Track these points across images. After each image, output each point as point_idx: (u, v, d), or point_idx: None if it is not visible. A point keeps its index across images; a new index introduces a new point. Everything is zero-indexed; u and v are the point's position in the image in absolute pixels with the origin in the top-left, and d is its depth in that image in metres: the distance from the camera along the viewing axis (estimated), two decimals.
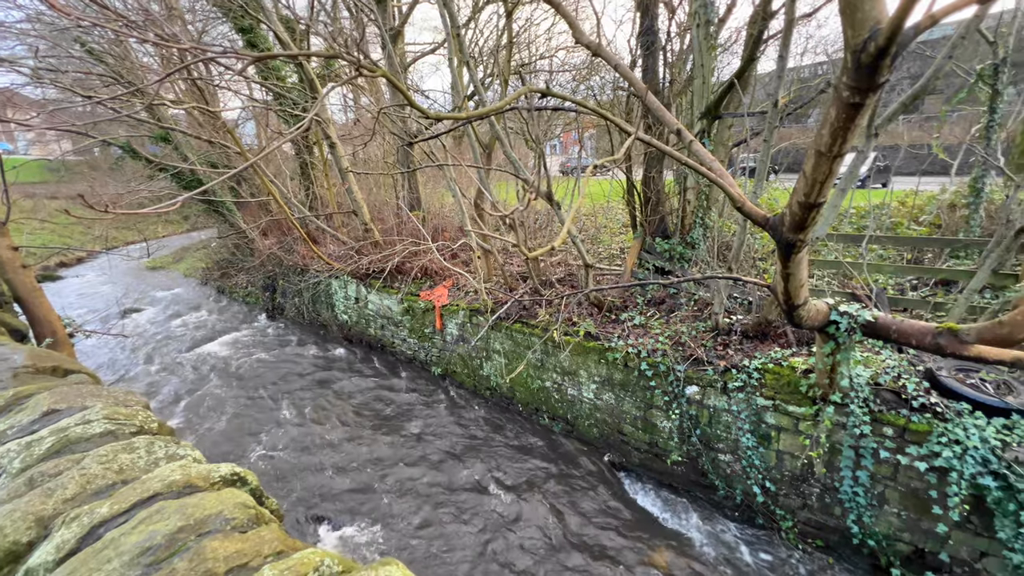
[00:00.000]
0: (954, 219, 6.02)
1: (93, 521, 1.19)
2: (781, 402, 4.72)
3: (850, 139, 2.25)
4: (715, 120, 5.94)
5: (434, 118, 2.35)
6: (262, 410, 7.99)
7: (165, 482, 1.28)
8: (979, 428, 3.84)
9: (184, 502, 1.17)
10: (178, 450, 1.56)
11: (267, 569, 0.99)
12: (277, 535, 1.12)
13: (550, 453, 6.49)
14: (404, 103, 2.43)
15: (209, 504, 1.17)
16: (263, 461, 6.57)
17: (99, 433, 1.52)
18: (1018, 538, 3.65)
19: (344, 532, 5.27)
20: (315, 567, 0.98)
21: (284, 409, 7.97)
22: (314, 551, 1.04)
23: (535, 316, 7.02)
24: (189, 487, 1.27)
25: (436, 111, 3.50)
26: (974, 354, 2.80)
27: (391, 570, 1.00)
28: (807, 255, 3.10)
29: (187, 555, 1.00)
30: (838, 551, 4.69)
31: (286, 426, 7.44)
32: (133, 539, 1.03)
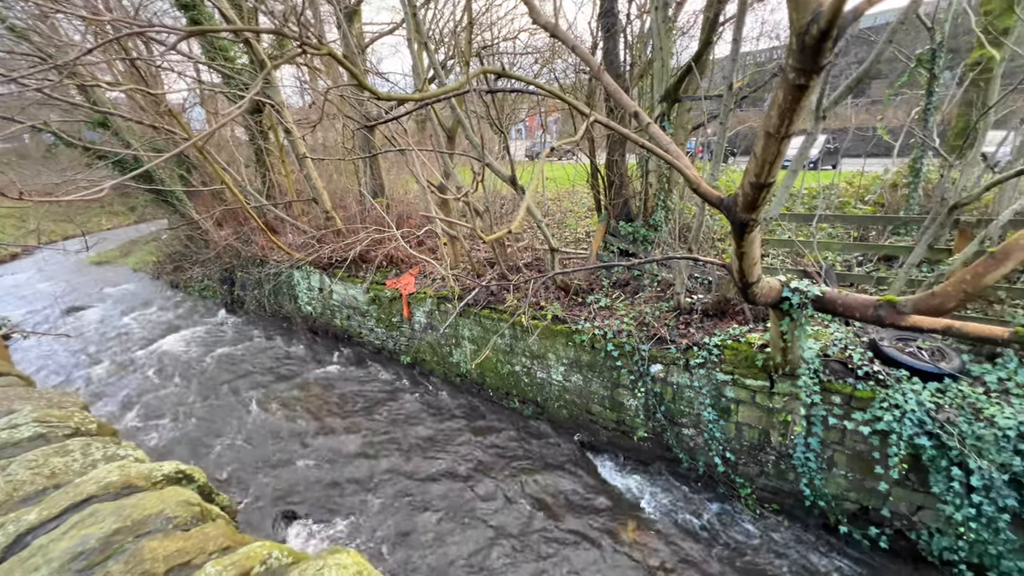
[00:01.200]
0: (896, 198, 6.37)
1: (19, 529, 1.11)
2: (739, 376, 4.93)
3: (797, 120, 2.32)
4: (675, 103, 6.01)
5: (385, 99, 2.28)
6: (225, 407, 7.73)
7: (101, 484, 1.21)
8: (916, 393, 4.12)
9: (121, 503, 1.10)
10: (118, 450, 1.48)
11: (210, 566, 0.96)
12: (224, 531, 1.08)
13: (521, 436, 6.57)
14: (359, 85, 2.34)
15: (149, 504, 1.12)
16: (227, 459, 6.38)
17: (28, 437, 1.42)
18: (949, 491, 3.97)
19: (314, 525, 5.21)
20: (262, 560, 0.96)
21: (248, 405, 7.74)
22: (262, 544, 1.01)
23: (503, 301, 7.03)
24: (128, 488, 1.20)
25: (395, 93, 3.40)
26: (910, 324, 2.99)
27: (342, 558, 0.99)
28: (760, 234, 3.20)
29: (123, 557, 0.95)
30: (792, 513, 4.98)
31: (251, 422, 7.23)
32: (63, 545, 0.97)
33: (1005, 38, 5.74)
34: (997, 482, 3.79)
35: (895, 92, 6.80)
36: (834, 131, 13.45)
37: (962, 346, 4.49)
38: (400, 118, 4.11)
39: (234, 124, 12.87)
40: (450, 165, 7.07)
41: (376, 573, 1.29)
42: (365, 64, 10.72)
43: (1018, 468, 3.73)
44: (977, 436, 3.83)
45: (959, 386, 4.10)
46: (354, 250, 7.91)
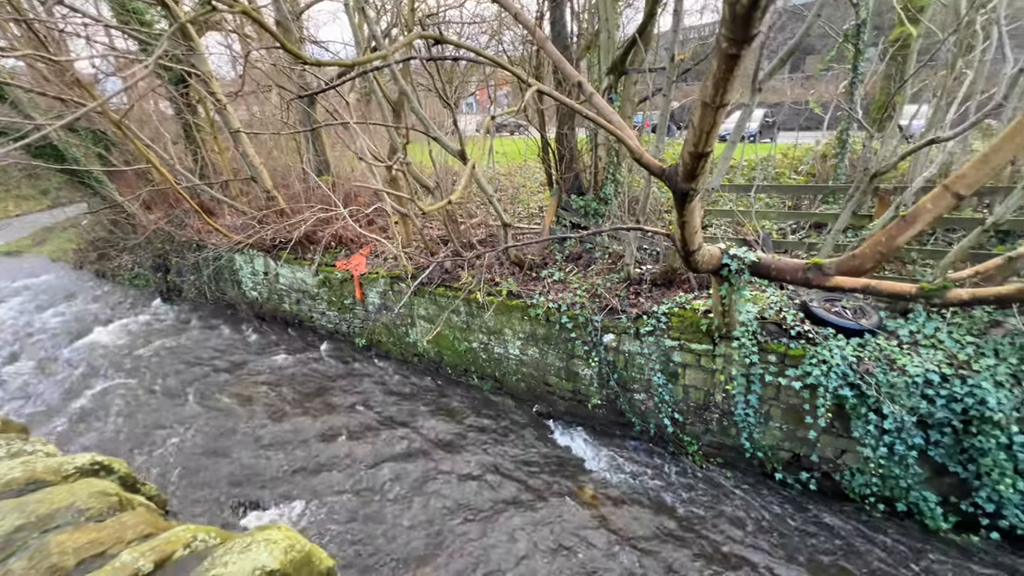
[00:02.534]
0: (826, 168, 6.78)
1: None
2: (686, 341, 5.18)
3: (731, 89, 2.38)
4: (621, 75, 6.04)
5: (311, 64, 2.14)
6: (168, 400, 7.32)
7: (2, 481, 1.11)
8: (840, 348, 4.48)
9: (24, 500, 1.03)
10: (24, 446, 1.37)
11: (125, 554, 0.91)
12: (145, 519, 1.03)
13: (481, 411, 6.65)
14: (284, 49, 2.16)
15: (58, 498, 1.05)
16: (172, 453, 6.08)
17: None
18: (867, 435, 4.40)
19: (273, 511, 5.09)
20: (186, 543, 0.93)
21: (193, 397, 7.36)
22: (187, 528, 0.98)
23: (458, 279, 6.97)
24: (34, 483, 1.12)
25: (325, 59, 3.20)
26: (834, 284, 3.22)
27: (272, 534, 0.97)
28: (700, 204, 3.31)
29: (26, 554, 0.89)
30: (735, 465, 5.36)
31: (198, 414, 6.89)
32: None
33: (921, 16, 6.13)
34: (907, 424, 4.22)
35: (825, 67, 7.14)
36: (771, 105, 14.07)
37: (880, 303, 4.91)
38: (336, 87, 3.90)
39: (157, 97, 11.81)
40: (397, 140, 6.82)
41: (312, 546, 1.28)
42: (301, 31, 10.05)
43: (924, 411, 4.17)
44: (891, 384, 4.23)
45: (877, 340, 4.49)
46: (299, 231, 7.55)
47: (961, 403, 4.05)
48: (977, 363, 4.13)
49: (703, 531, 4.64)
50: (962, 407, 4.06)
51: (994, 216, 4.24)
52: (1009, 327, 4.28)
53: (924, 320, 4.57)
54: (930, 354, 4.30)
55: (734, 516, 4.78)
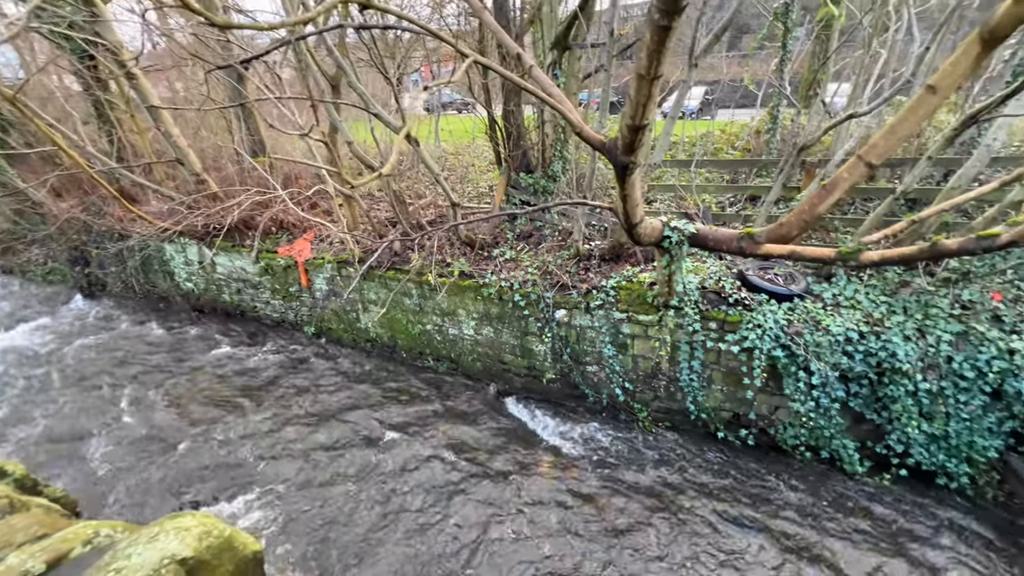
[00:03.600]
0: (760, 143, 7.12)
1: None
2: (633, 313, 5.36)
3: (664, 61, 2.42)
4: (565, 51, 6.02)
5: (220, 25, 1.97)
6: (96, 403, 6.79)
7: None
8: (773, 313, 4.79)
9: None
10: None
11: (12, 556, 0.84)
12: (39, 520, 0.95)
13: (438, 392, 6.63)
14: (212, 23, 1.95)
15: None
16: (102, 459, 5.67)
17: None
18: (797, 391, 4.76)
19: (219, 508, 4.89)
20: (86, 540, 0.87)
21: (126, 398, 6.87)
22: (87, 524, 0.91)
23: (408, 261, 6.83)
24: None
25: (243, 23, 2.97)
26: (764, 252, 3.41)
27: (183, 521, 0.93)
28: (642, 178, 3.38)
29: None
30: (681, 428, 5.67)
31: (131, 416, 6.45)
32: None
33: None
34: (830, 379, 4.60)
35: (759, 45, 7.43)
36: (711, 83, 14.54)
37: (807, 269, 5.27)
38: (261, 57, 3.64)
39: (59, 70, 10.58)
40: (336, 117, 6.50)
41: (234, 531, 1.24)
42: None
43: (845, 366, 4.55)
44: (817, 343, 4.58)
45: (805, 304, 4.83)
46: (232, 215, 7.09)
47: (876, 357, 4.46)
48: (889, 320, 4.54)
49: (654, 489, 4.90)
50: (876, 360, 4.47)
51: (903, 185, 4.62)
52: (915, 286, 4.72)
53: (845, 283, 4.96)
54: (850, 314, 4.68)
55: (682, 474, 5.07)
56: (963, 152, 5.32)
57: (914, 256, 2.75)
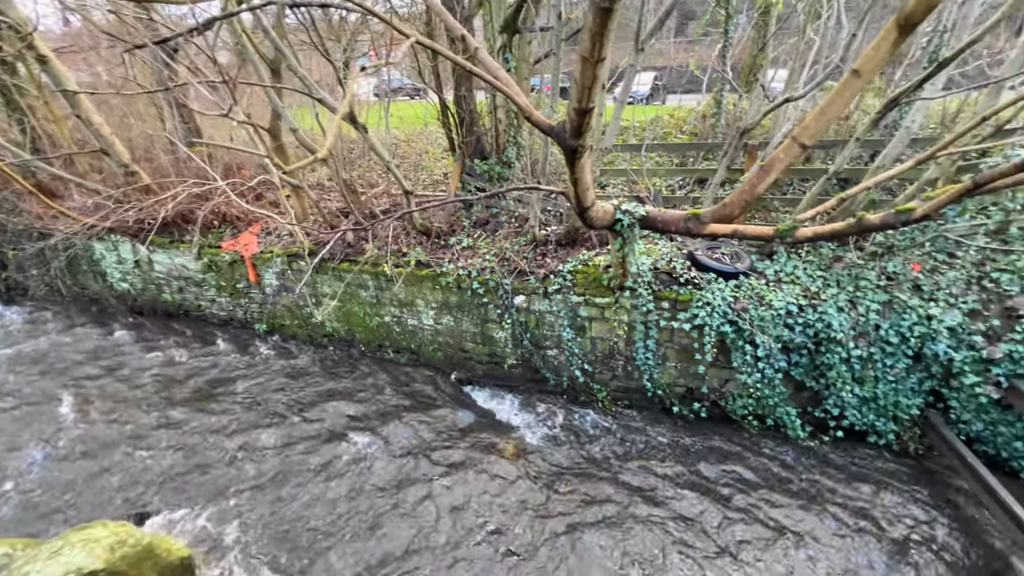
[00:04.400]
0: (706, 127, 7.36)
1: None
2: (590, 296, 5.46)
3: (607, 43, 2.43)
4: (514, 34, 5.95)
5: None
6: (28, 417, 6.25)
7: None
8: (721, 290, 5.01)
9: None
10: None
11: None
12: None
13: (400, 384, 6.54)
14: None
15: None
16: (36, 476, 5.25)
17: None
18: (744, 363, 5.02)
19: (171, 518, 4.65)
20: None
21: (62, 409, 6.36)
22: None
23: (363, 252, 6.65)
24: None
25: None
26: (709, 231, 3.55)
27: (93, 532, 0.87)
28: (592, 161, 3.42)
29: None
30: (639, 405, 5.87)
31: (68, 428, 5.98)
32: None
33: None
34: (774, 350, 4.88)
35: (703, 31, 7.63)
36: (660, 69, 14.86)
37: (751, 248, 5.52)
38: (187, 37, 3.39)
39: None
40: (279, 103, 6.18)
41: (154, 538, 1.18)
42: None
43: (786, 338, 4.84)
44: (761, 318, 4.83)
45: (749, 281, 5.08)
46: (166, 208, 6.63)
47: (813, 328, 4.76)
48: (824, 293, 4.86)
49: (614, 465, 5.06)
50: (814, 331, 4.77)
51: (835, 166, 4.91)
52: (847, 260, 5.05)
53: (785, 260, 5.25)
54: (790, 289, 4.96)
55: (640, 449, 5.27)
56: (887, 134, 5.70)
57: (843, 231, 2.94)
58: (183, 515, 4.68)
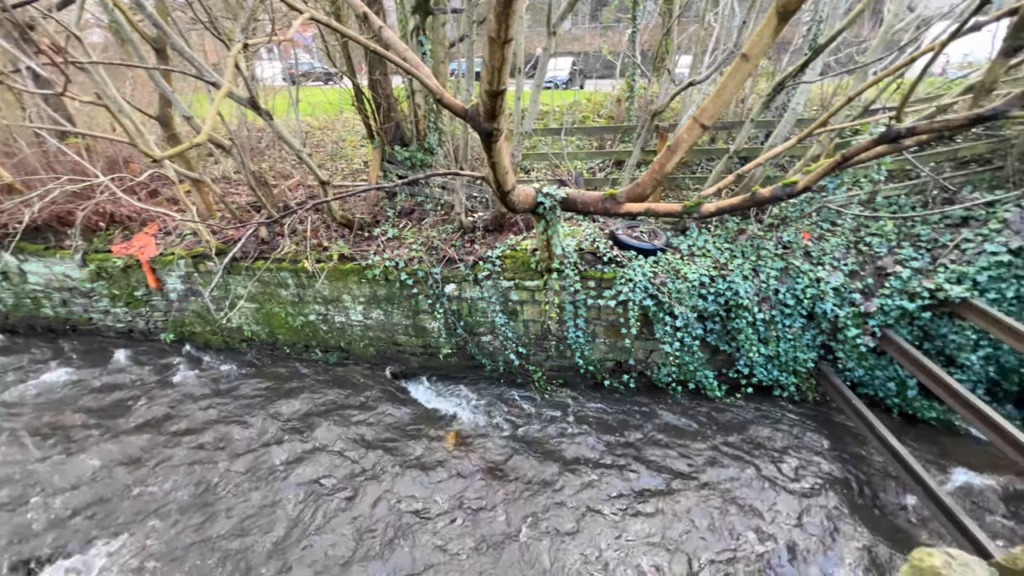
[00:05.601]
0: (621, 111, 7.64)
1: None
2: (520, 280, 5.52)
3: (513, 24, 2.42)
4: (428, 15, 5.77)
5: None
6: None
7: None
8: (641, 267, 5.27)
9: None
10: None
11: None
12: None
13: (331, 384, 6.27)
14: None
15: None
16: None
17: None
18: (665, 334, 5.34)
19: (66, 563, 4.16)
20: None
21: None
22: None
23: (280, 249, 6.23)
24: None
25: None
26: (625, 210, 3.70)
27: None
28: (509, 145, 3.41)
29: None
30: (573, 383, 6.07)
31: None
32: None
33: None
34: (691, 320, 5.23)
35: (614, 17, 7.85)
36: (577, 54, 15.19)
37: (667, 225, 5.85)
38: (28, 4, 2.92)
39: None
40: (167, 88, 5.57)
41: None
42: None
43: (701, 307, 5.20)
44: (678, 290, 5.15)
45: (666, 256, 5.38)
46: (32, 209, 5.78)
47: (724, 296, 5.16)
48: (732, 263, 5.27)
49: (552, 442, 5.22)
50: (724, 299, 5.17)
51: (735, 145, 5.30)
52: (750, 232, 5.51)
53: (697, 235, 5.62)
54: (702, 262, 5.33)
55: (575, 424, 5.47)
56: (777, 115, 6.24)
57: (739, 205, 3.19)
58: (78, 560, 4.20)
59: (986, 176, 5.32)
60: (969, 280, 4.73)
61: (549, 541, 4.16)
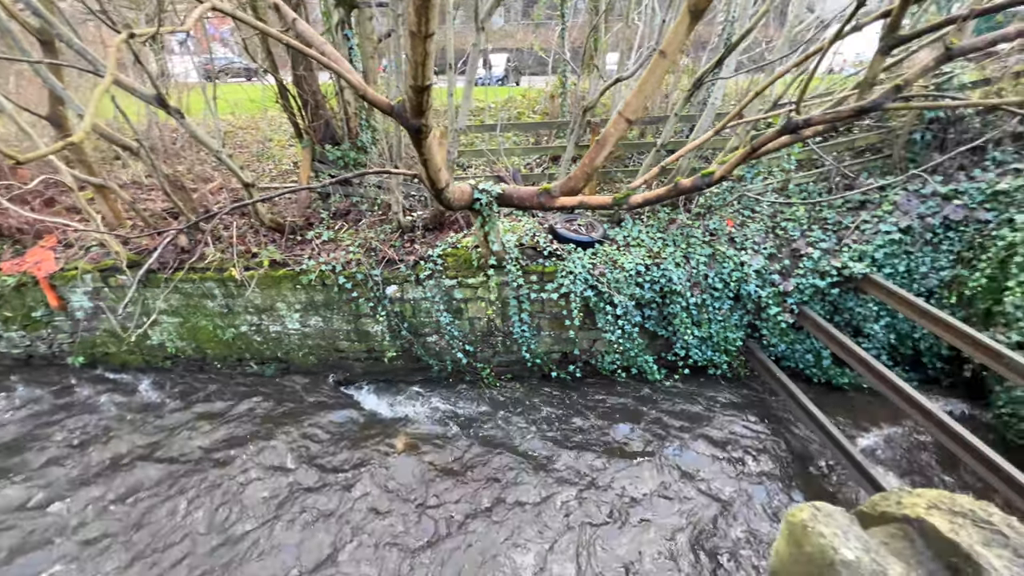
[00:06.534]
0: (555, 107, 7.78)
1: None
2: (462, 278, 5.49)
3: (434, 17, 2.39)
4: (352, 9, 5.57)
5: None
6: None
7: None
8: (580, 259, 5.40)
9: None
10: None
11: None
12: None
13: (271, 397, 5.94)
14: None
15: None
16: None
17: None
18: (607, 323, 5.51)
19: None
20: None
21: None
22: None
23: (203, 258, 5.81)
24: None
25: None
26: (559, 204, 3.77)
27: None
28: (440, 142, 3.37)
29: None
30: (521, 376, 6.13)
31: None
32: None
33: None
34: (630, 308, 5.43)
35: (544, 14, 7.96)
36: (512, 50, 15.28)
37: (603, 217, 6.03)
38: None
39: None
40: (58, 84, 5.02)
41: None
42: None
43: (639, 295, 5.41)
44: (616, 280, 5.33)
45: (604, 248, 5.55)
46: None
47: (659, 283, 5.40)
48: (664, 252, 5.52)
49: (502, 438, 5.25)
50: (660, 286, 5.42)
51: (662, 139, 5.55)
52: (680, 221, 5.80)
53: (631, 226, 5.84)
54: (638, 251, 5.54)
55: (525, 417, 5.53)
56: (700, 110, 6.59)
57: (664, 195, 3.35)
58: None
59: (878, 163, 5.91)
60: (868, 257, 5.26)
61: (503, 533, 4.19)
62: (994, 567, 0.67)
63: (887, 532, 0.80)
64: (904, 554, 0.76)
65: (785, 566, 0.81)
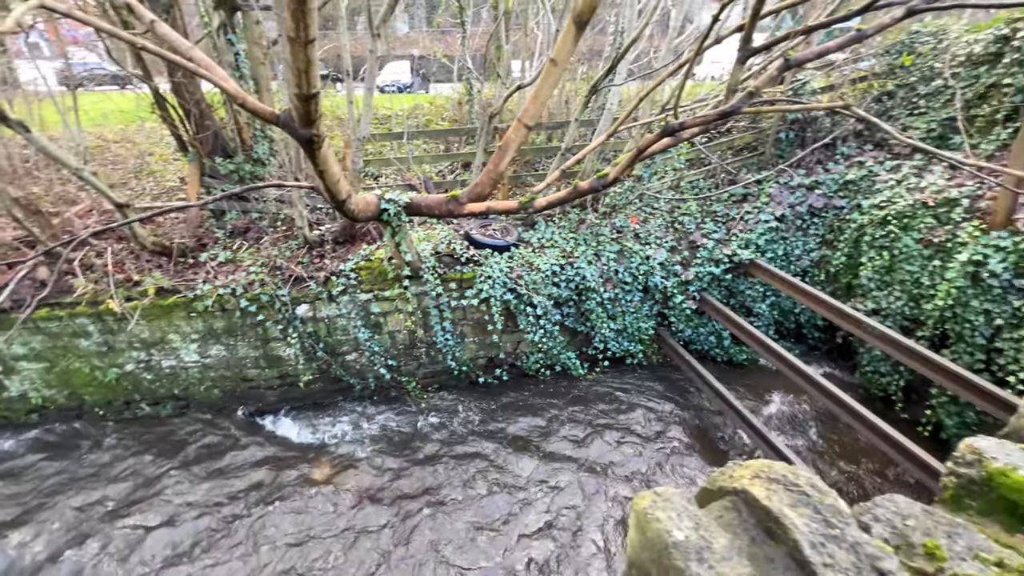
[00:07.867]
0: (463, 113, 7.80)
1: None
2: (378, 291, 5.32)
3: (312, 22, 2.28)
4: (235, 11, 5.18)
5: None
6: None
7: None
8: (498, 263, 5.45)
9: None
10: None
11: None
12: None
13: (168, 441, 5.32)
14: None
15: None
16: None
17: None
18: (528, 324, 5.61)
19: None
20: None
21: None
22: None
23: (71, 291, 5.08)
24: None
25: None
26: (468, 211, 3.78)
27: None
28: (333, 151, 3.24)
29: None
30: (448, 385, 6.05)
31: None
32: None
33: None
34: (549, 307, 5.58)
35: (446, 21, 7.96)
36: (417, 57, 15.14)
37: (517, 221, 6.15)
38: None
39: None
40: None
41: None
42: None
43: (556, 294, 5.58)
44: (534, 281, 5.45)
45: (519, 251, 5.65)
46: None
47: (574, 282, 5.61)
48: (577, 251, 5.74)
49: (432, 449, 5.14)
50: (575, 285, 5.62)
51: (565, 143, 5.78)
52: (589, 221, 6.06)
53: (545, 228, 6.01)
54: (552, 252, 5.71)
55: (454, 427, 5.46)
56: (599, 115, 6.96)
57: (566, 198, 3.48)
58: None
59: (754, 160, 6.61)
60: (753, 244, 5.85)
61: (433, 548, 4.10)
62: (796, 526, 0.77)
63: (722, 506, 0.90)
64: (732, 525, 0.85)
65: (636, 553, 0.87)
